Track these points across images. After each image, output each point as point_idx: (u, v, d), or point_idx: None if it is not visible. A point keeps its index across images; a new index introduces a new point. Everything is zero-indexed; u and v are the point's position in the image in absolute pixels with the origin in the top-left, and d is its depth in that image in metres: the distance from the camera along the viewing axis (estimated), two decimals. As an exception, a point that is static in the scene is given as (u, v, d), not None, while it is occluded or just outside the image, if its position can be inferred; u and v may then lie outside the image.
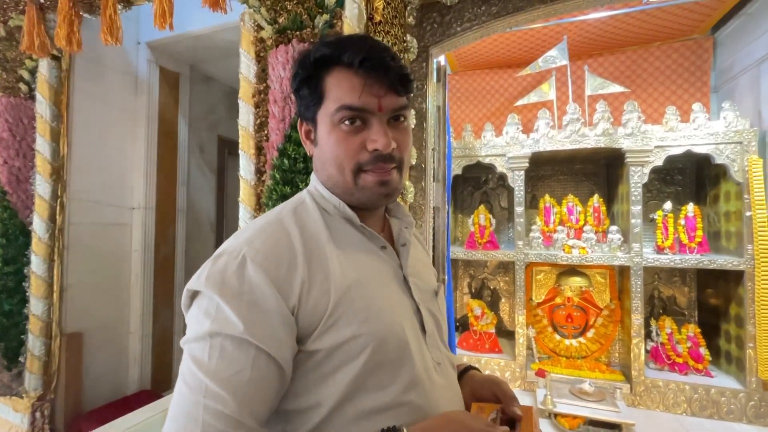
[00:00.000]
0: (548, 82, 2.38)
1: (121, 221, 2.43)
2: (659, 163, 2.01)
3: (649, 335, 2.11)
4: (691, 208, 2.04)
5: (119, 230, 2.42)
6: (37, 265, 1.98)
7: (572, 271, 2.23)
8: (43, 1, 1.91)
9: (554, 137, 2.16)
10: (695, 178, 2.28)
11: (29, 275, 1.99)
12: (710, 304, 2.18)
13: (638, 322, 1.98)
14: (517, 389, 2.15)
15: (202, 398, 0.48)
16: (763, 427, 1.78)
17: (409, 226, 0.73)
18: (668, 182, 2.33)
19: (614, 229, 2.11)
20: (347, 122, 0.60)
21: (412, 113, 1.66)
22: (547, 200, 2.37)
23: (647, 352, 2.07)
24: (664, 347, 2.05)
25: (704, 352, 1.99)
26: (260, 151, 1.48)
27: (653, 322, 2.13)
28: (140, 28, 2.49)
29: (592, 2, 1.57)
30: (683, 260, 1.96)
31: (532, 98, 2.43)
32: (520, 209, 2.23)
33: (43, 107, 2.00)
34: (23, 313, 2.00)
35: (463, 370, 0.77)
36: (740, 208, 1.87)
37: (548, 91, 2.38)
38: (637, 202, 2.00)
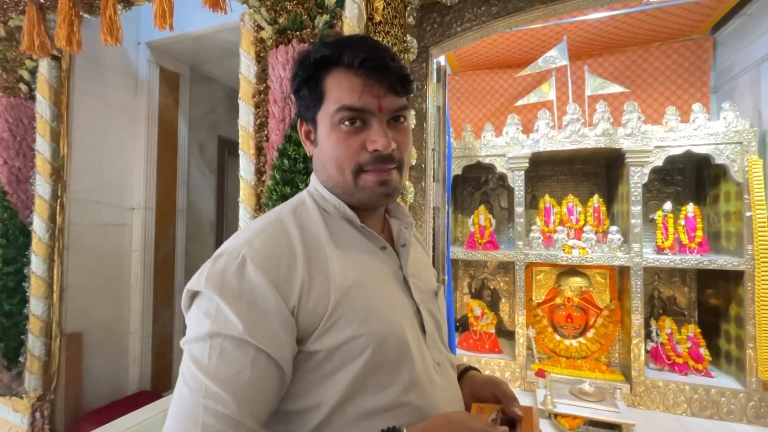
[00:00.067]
0: (548, 82, 2.38)
1: (121, 221, 2.43)
2: (659, 163, 2.01)
3: (649, 335, 2.11)
4: (691, 208, 2.04)
5: (119, 230, 2.42)
6: (37, 265, 1.98)
7: (572, 271, 2.23)
8: (43, 1, 1.91)
9: (554, 137, 2.16)
10: (695, 178, 2.28)
11: (29, 275, 2.00)
12: (710, 304, 2.18)
13: (638, 322, 1.98)
14: (517, 389, 2.14)
15: (202, 399, 0.48)
16: (763, 427, 1.78)
17: (409, 226, 0.73)
18: (668, 182, 2.33)
19: (614, 229, 2.11)
20: (347, 123, 0.60)
21: (412, 114, 1.65)
22: (547, 200, 2.37)
23: (647, 352, 2.07)
24: (664, 347, 2.05)
25: (704, 352, 1.99)
26: (260, 151, 1.48)
27: (653, 322, 2.13)
28: (140, 28, 2.49)
29: (592, 2, 1.57)
30: (683, 260, 1.96)
31: (532, 98, 2.43)
32: (520, 209, 2.23)
33: (43, 107, 2.01)
34: (23, 313, 2.00)
35: (462, 370, 0.77)
36: (740, 208, 1.87)
37: (548, 91, 2.38)
38: (637, 202, 2.01)
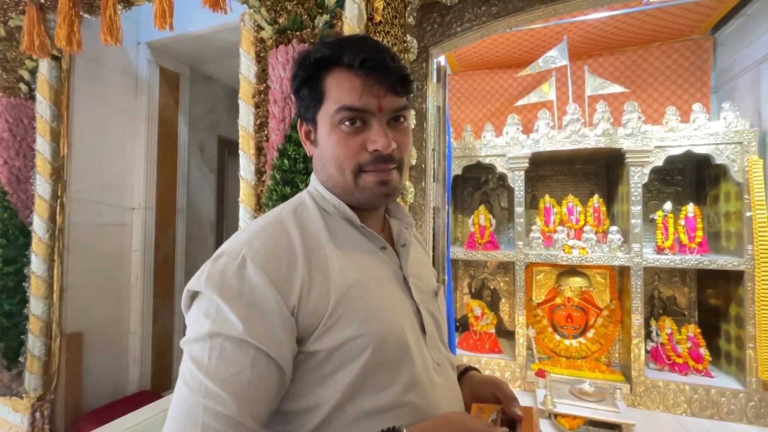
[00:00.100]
0: (548, 82, 2.38)
1: (121, 221, 2.43)
2: (659, 163, 2.01)
3: (649, 335, 2.11)
4: (691, 208, 2.04)
5: (119, 230, 2.42)
6: (37, 265, 1.98)
7: (572, 271, 2.23)
8: (43, 1, 1.91)
9: (554, 137, 2.16)
10: (695, 178, 2.28)
11: (29, 275, 2.00)
12: (710, 304, 2.18)
13: (638, 322, 1.98)
14: (517, 389, 2.14)
15: (202, 399, 0.48)
16: (763, 427, 1.78)
17: (409, 226, 0.73)
18: (668, 182, 2.33)
19: (614, 229, 2.11)
20: (347, 123, 0.60)
21: (412, 114, 1.65)
22: (547, 200, 2.37)
23: (647, 352, 2.07)
24: (664, 347, 2.05)
25: (704, 352, 1.99)
26: (260, 151, 1.48)
27: (653, 322, 2.13)
28: (140, 28, 2.49)
29: (592, 2, 1.57)
30: (683, 260, 1.96)
31: (532, 98, 2.43)
32: (520, 209, 2.23)
33: (43, 107, 2.01)
34: (23, 313, 2.00)
35: (462, 370, 0.77)
36: (740, 208, 1.87)
37: (548, 91, 2.38)
38: (637, 202, 2.01)
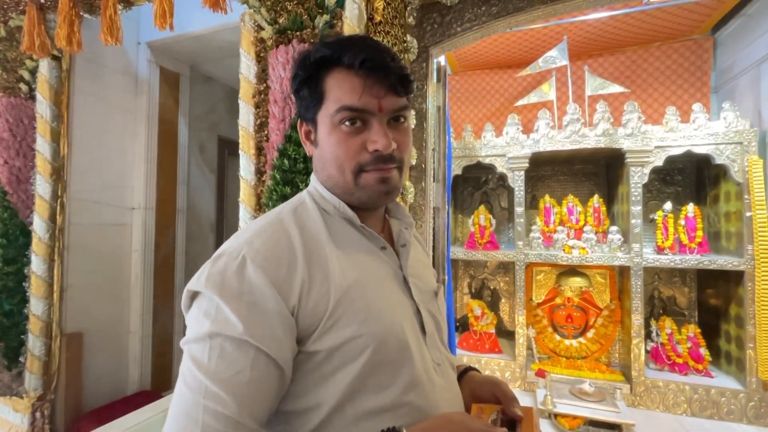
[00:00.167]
0: (548, 82, 2.38)
1: (121, 221, 2.43)
2: (659, 163, 2.01)
3: (649, 335, 2.11)
4: (691, 208, 2.04)
5: (119, 230, 2.42)
6: (37, 265, 1.98)
7: (572, 271, 2.23)
8: (43, 1, 1.91)
9: (554, 137, 2.16)
10: (695, 178, 2.28)
11: (29, 275, 2.00)
12: (710, 304, 2.18)
13: (638, 322, 1.98)
14: (517, 389, 2.15)
15: (201, 399, 0.48)
16: (763, 427, 1.78)
17: (409, 226, 0.73)
18: (668, 182, 2.33)
19: (614, 229, 2.11)
20: (347, 123, 0.60)
21: (412, 114, 1.65)
22: (547, 200, 2.37)
23: (647, 352, 2.07)
24: (664, 347, 2.05)
25: (704, 352, 1.99)
26: (260, 151, 1.48)
27: (653, 322, 2.13)
28: (140, 28, 2.49)
29: (592, 2, 1.57)
30: (683, 260, 1.96)
31: (532, 98, 2.43)
32: (520, 209, 2.23)
33: (43, 107, 2.01)
34: (23, 313, 2.00)
35: (462, 371, 0.77)
36: (740, 208, 1.87)
37: (548, 91, 2.38)
38: (637, 202, 2.01)
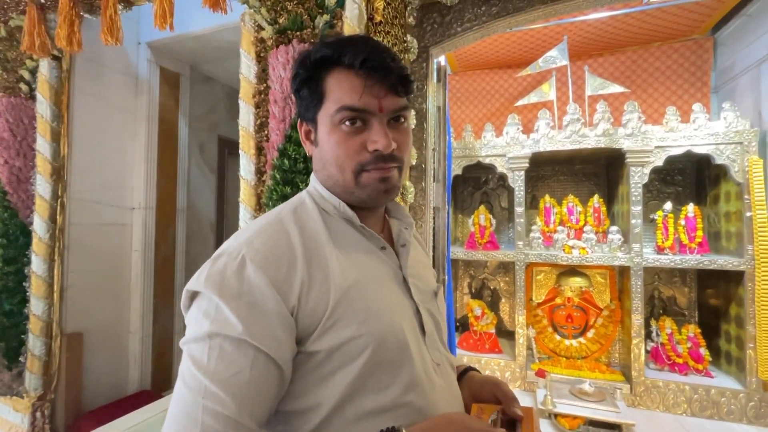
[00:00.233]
0: (548, 82, 2.38)
1: (121, 221, 2.43)
2: (659, 163, 2.01)
3: (649, 335, 2.11)
4: (691, 208, 2.04)
5: (119, 230, 2.42)
6: (37, 265, 1.98)
7: (572, 271, 2.23)
8: (43, 1, 1.91)
9: (554, 137, 2.16)
10: (695, 178, 2.28)
11: (30, 275, 2.00)
12: (710, 304, 2.18)
13: (638, 322, 1.98)
14: (517, 389, 2.15)
15: (201, 399, 0.48)
16: (763, 427, 1.78)
17: (408, 226, 0.73)
18: (668, 182, 2.32)
19: (614, 229, 2.11)
20: (348, 123, 0.60)
21: (412, 114, 1.65)
22: (547, 200, 2.37)
23: (647, 352, 2.07)
24: (664, 347, 2.05)
25: (704, 352, 1.99)
26: (260, 151, 1.48)
27: (653, 322, 2.13)
28: (141, 28, 2.49)
29: (592, 2, 1.57)
30: (683, 260, 1.96)
31: (532, 98, 2.43)
32: (520, 209, 2.23)
33: (43, 107, 2.01)
34: (24, 312, 2.00)
35: (462, 371, 0.77)
36: (740, 208, 1.87)
37: (548, 91, 2.38)
38: (637, 202, 2.00)
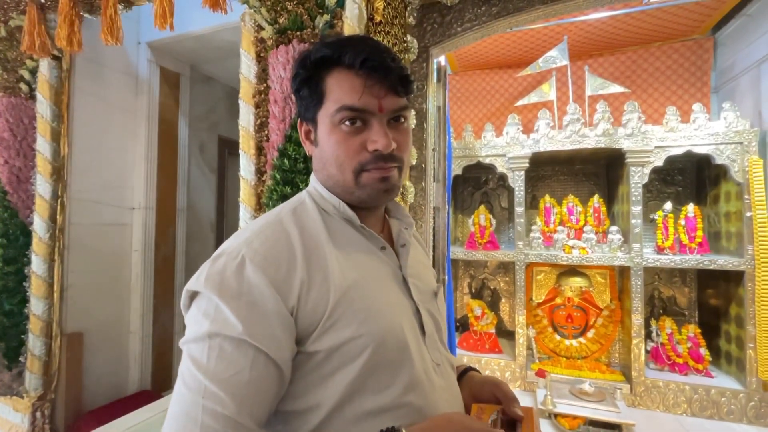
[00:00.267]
0: (548, 82, 2.38)
1: (121, 221, 2.43)
2: (659, 163, 2.01)
3: (649, 335, 2.10)
4: (691, 208, 2.04)
5: (119, 230, 2.42)
6: (37, 265, 1.98)
7: (572, 271, 2.23)
8: (43, 1, 1.91)
9: (554, 137, 2.16)
10: (695, 178, 2.28)
11: (30, 275, 1.99)
12: (710, 304, 2.18)
13: (638, 322, 1.97)
14: (517, 389, 2.14)
15: (201, 399, 0.48)
16: (763, 427, 1.78)
17: (408, 226, 0.73)
18: (668, 182, 2.32)
19: (614, 229, 2.11)
20: (348, 123, 0.60)
21: (412, 114, 1.66)
22: (547, 200, 2.37)
23: (647, 352, 2.07)
24: (664, 347, 2.05)
25: (704, 352, 1.99)
26: (261, 151, 1.48)
27: (653, 322, 2.13)
28: (141, 28, 2.49)
29: (592, 2, 1.57)
30: (683, 260, 1.96)
31: (532, 98, 2.43)
32: (520, 209, 2.23)
33: (43, 107, 2.01)
34: (24, 312, 2.00)
35: (462, 371, 0.77)
36: (740, 208, 1.86)
37: (548, 91, 2.38)
38: (637, 202, 2.00)
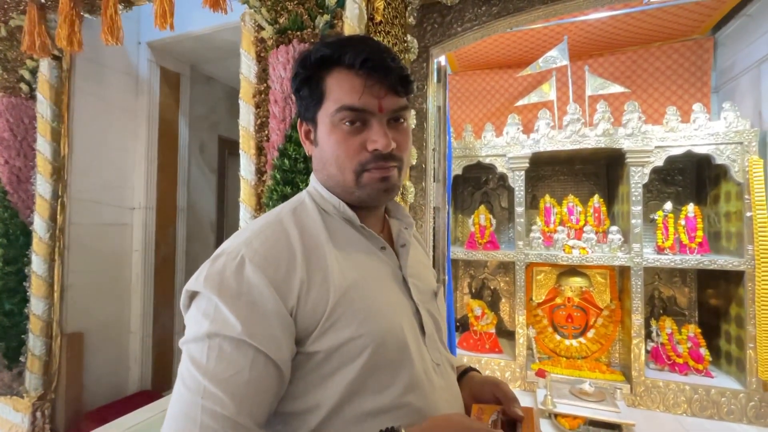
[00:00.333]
0: (549, 82, 2.38)
1: (121, 221, 2.43)
2: (659, 163, 2.00)
3: (649, 335, 2.10)
4: (691, 208, 2.04)
5: (119, 230, 2.42)
6: (37, 264, 1.98)
7: (572, 271, 2.23)
8: (44, 1, 1.91)
9: (554, 137, 2.16)
10: (695, 178, 2.27)
11: (30, 275, 2.00)
12: (710, 304, 2.18)
13: (638, 322, 1.97)
14: (517, 389, 2.14)
15: (200, 399, 0.48)
16: (763, 427, 1.78)
17: (408, 226, 0.73)
18: (668, 182, 2.32)
19: (614, 229, 2.11)
20: (347, 123, 0.60)
21: (412, 114, 1.65)
22: (547, 200, 2.37)
23: (647, 352, 2.07)
24: (664, 347, 2.05)
25: (704, 352, 1.99)
26: (261, 151, 1.48)
27: (653, 322, 2.13)
28: (141, 28, 2.49)
29: (592, 2, 1.57)
30: (683, 260, 1.96)
31: (532, 98, 2.43)
32: (520, 209, 2.23)
33: (43, 107, 2.01)
34: (24, 312, 2.00)
35: (462, 371, 0.77)
36: (740, 208, 1.86)
37: (549, 91, 2.38)
38: (637, 202, 2.00)
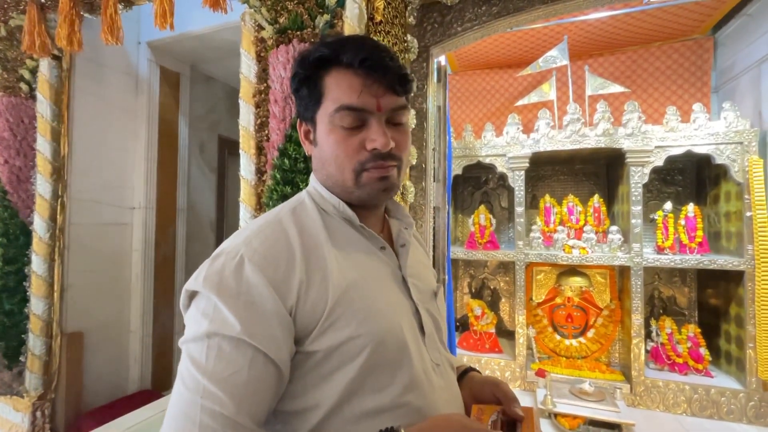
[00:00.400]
0: (549, 82, 2.38)
1: (121, 221, 2.43)
2: (659, 163, 2.00)
3: (649, 335, 2.10)
4: (691, 208, 2.04)
5: (119, 230, 2.43)
6: (37, 264, 1.98)
7: (572, 271, 2.23)
8: (44, 1, 1.91)
9: (554, 137, 2.16)
10: (695, 178, 2.27)
11: (30, 275, 2.00)
12: (710, 304, 2.18)
13: (638, 322, 1.97)
14: (517, 389, 2.14)
15: (199, 399, 0.48)
16: (763, 427, 1.78)
17: (408, 226, 0.73)
18: (668, 182, 2.32)
19: (614, 229, 2.11)
20: (346, 122, 0.60)
21: (411, 113, 1.65)
22: (547, 200, 2.37)
23: (647, 352, 2.07)
24: (664, 347, 2.05)
25: (704, 352, 1.99)
26: (261, 151, 1.48)
27: (653, 322, 2.13)
28: (141, 27, 2.49)
29: (592, 2, 1.57)
30: (683, 260, 1.96)
31: (532, 98, 2.42)
32: (520, 209, 2.23)
33: (43, 107, 2.01)
34: (24, 312, 2.00)
35: (462, 371, 0.77)
36: (740, 208, 1.86)
37: (548, 91, 2.38)
38: (637, 202, 2.00)
